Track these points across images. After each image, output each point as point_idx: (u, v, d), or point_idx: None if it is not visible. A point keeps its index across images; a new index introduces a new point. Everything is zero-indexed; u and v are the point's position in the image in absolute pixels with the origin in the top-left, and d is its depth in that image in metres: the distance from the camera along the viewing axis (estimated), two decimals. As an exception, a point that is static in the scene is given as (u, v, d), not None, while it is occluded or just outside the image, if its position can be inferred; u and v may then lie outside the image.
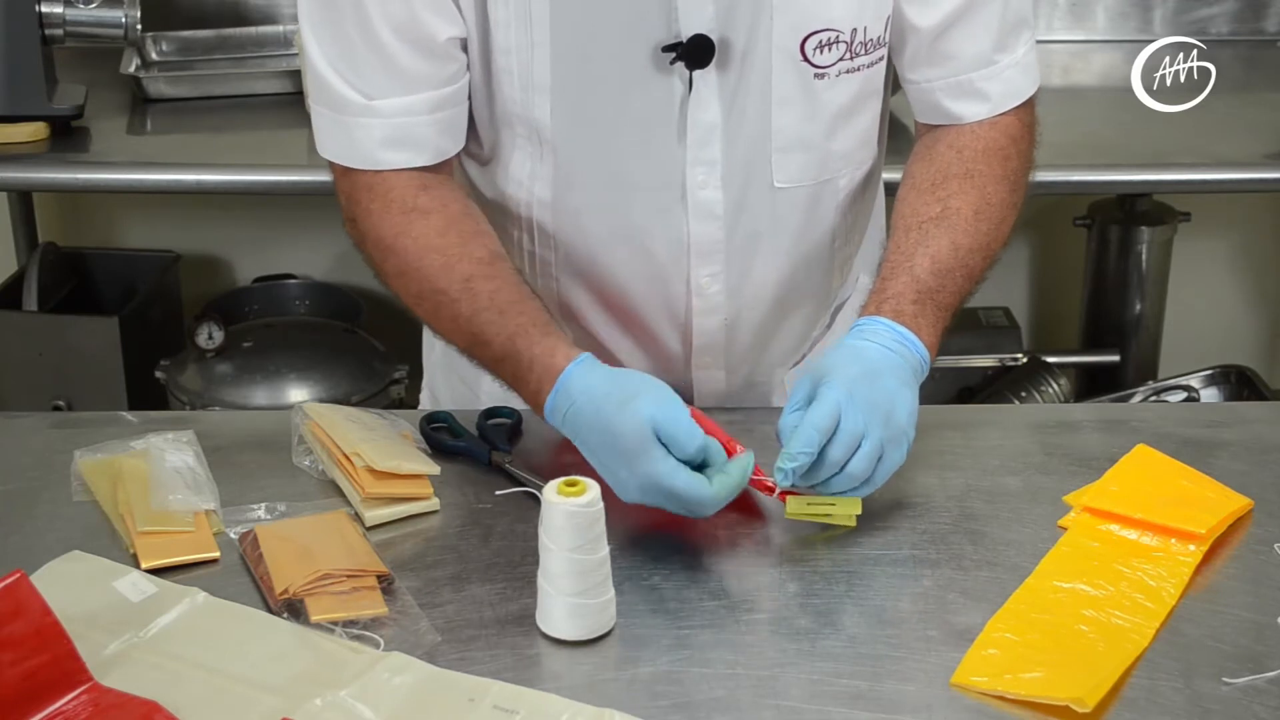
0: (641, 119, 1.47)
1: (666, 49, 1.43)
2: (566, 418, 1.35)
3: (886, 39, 1.50)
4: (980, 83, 1.52)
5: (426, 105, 1.45)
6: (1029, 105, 1.57)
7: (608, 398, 1.32)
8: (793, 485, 1.33)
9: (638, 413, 1.29)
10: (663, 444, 1.29)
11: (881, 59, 1.51)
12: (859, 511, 1.36)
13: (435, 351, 1.76)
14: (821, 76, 1.47)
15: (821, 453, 1.31)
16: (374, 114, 1.45)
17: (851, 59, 1.47)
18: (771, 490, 1.36)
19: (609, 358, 1.60)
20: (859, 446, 1.32)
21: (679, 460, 1.29)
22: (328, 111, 1.47)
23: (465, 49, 1.46)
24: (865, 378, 1.35)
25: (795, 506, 1.36)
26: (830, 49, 1.46)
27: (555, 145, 1.48)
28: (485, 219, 1.50)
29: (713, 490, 1.29)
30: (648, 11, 1.42)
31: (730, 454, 1.34)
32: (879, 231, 1.71)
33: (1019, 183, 1.54)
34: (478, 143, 1.54)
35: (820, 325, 1.69)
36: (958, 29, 1.50)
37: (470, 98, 1.49)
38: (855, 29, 1.46)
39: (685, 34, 1.43)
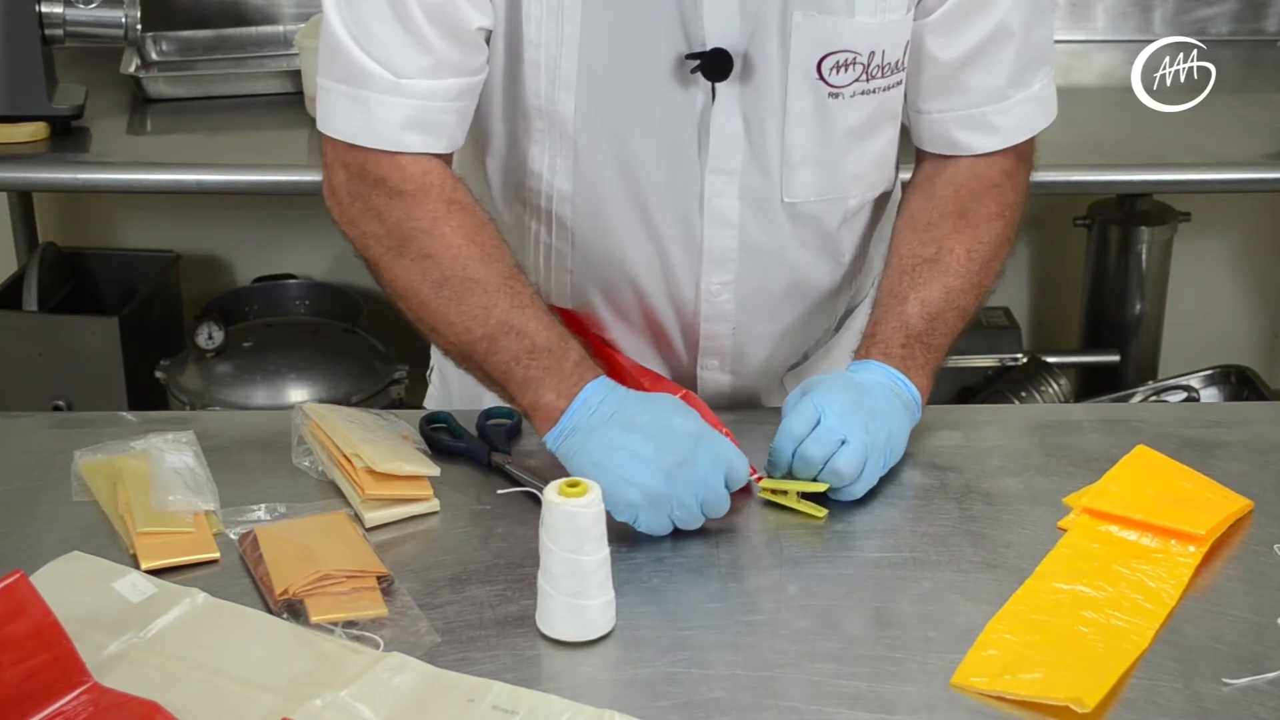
0: (663, 123, 1.48)
1: (689, 57, 1.44)
2: (605, 403, 1.38)
3: (905, 64, 1.50)
4: (992, 116, 1.53)
5: (451, 91, 1.45)
6: (1034, 139, 1.57)
7: (644, 392, 1.41)
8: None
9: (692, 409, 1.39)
10: None
11: (899, 83, 1.51)
12: (824, 513, 1.41)
13: None
14: (836, 96, 1.48)
15: (801, 451, 1.38)
16: (399, 92, 1.43)
17: (868, 81, 1.48)
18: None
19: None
20: (843, 446, 1.38)
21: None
22: (344, 87, 1.45)
23: (489, 43, 1.46)
24: (849, 391, 1.42)
25: (767, 483, 1.42)
26: (847, 70, 1.47)
27: (577, 141, 1.48)
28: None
29: (746, 462, 1.38)
30: (675, 20, 1.43)
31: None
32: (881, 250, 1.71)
33: (1013, 216, 1.57)
34: (497, 134, 1.53)
35: (826, 331, 1.69)
36: (975, 63, 1.51)
37: (490, 90, 1.49)
38: (874, 52, 1.47)
39: (709, 45, 1.44)
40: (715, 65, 1.44)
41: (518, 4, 1.44)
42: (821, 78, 1.46)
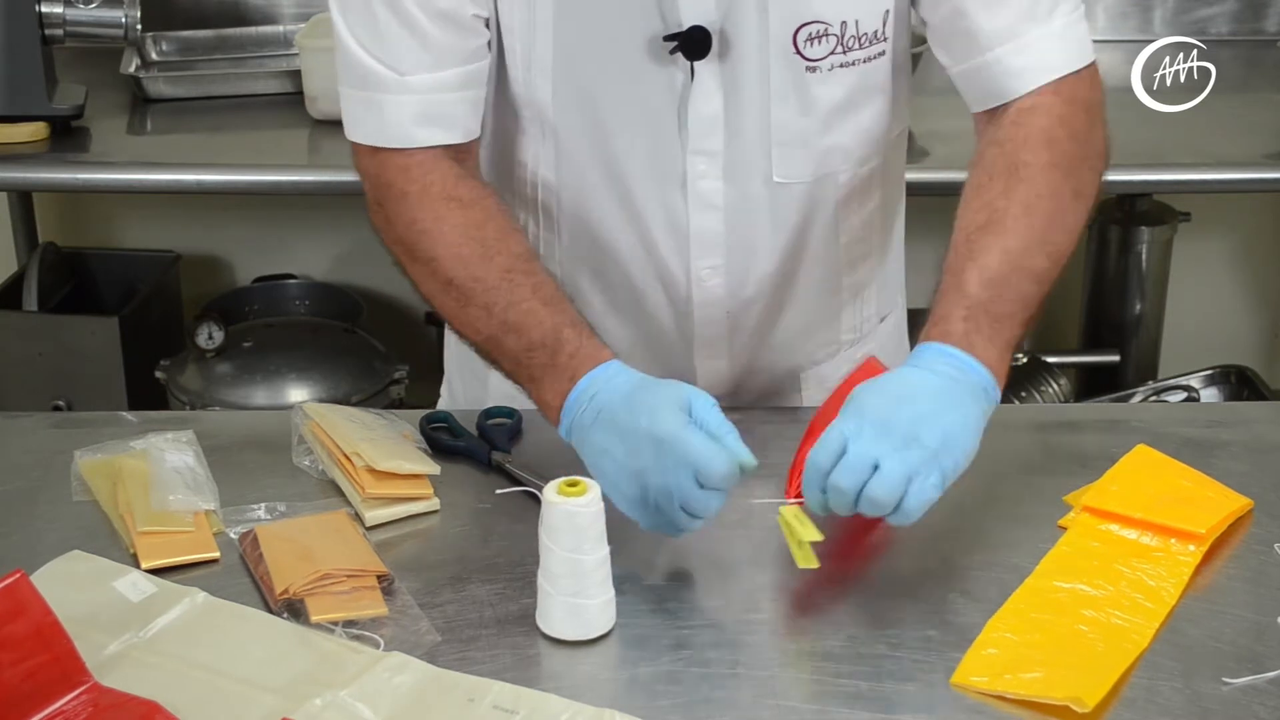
0: (642, 106, 1.47)
1: (667, 39, 1.43)
2: (596, 399, 1.34)
3: (885, 34, 1.49)
4: (1010, 57, 1.46)
5: (456, 81, 1.45)
6: (1082, 81, 1.49)
7: (646, 380, 1.34)
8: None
9: (677, 386, 1.32)
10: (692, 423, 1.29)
11: (881, 54, 1.50)
12: (815, 565, 1.29)
13: (453, 347, 1.76)
14: (814, 70, 1.47)
15: (830, 483, 1.26)
16: (406, 90, 1.44)
17: (845, 53, 1.47)
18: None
19: (611, 346, 1.60)
20: (875, 472, 1.25)
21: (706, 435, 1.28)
22: (358, 92, 1.47)
23: (489, 27, 1.46)
24: (887, 403, 1.29)
25: (785, 513, 1.32)
26: (820, 42, 1.46)
27: (557, 128, 1.48)
28: (515, 217, 1.50)
29: (726, 457, 1.27)
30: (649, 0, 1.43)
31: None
32: (897, 239, 1.70)
33: (1075, 166, 1.46)
34: (487, 128, 1.53)
35: (848, 329, 1.67)
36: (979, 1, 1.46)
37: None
38: (845, 22, 1.46)
39: (685, 24, 1.43)
40: (694, 44, 1.43)
41: None
42: (798, 51, 1.45)
